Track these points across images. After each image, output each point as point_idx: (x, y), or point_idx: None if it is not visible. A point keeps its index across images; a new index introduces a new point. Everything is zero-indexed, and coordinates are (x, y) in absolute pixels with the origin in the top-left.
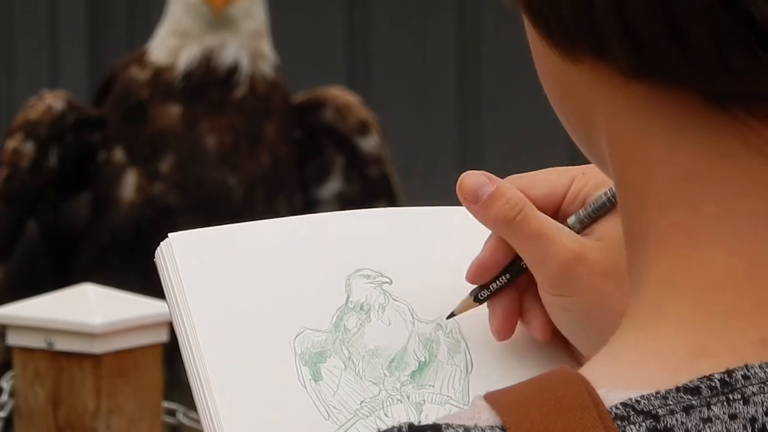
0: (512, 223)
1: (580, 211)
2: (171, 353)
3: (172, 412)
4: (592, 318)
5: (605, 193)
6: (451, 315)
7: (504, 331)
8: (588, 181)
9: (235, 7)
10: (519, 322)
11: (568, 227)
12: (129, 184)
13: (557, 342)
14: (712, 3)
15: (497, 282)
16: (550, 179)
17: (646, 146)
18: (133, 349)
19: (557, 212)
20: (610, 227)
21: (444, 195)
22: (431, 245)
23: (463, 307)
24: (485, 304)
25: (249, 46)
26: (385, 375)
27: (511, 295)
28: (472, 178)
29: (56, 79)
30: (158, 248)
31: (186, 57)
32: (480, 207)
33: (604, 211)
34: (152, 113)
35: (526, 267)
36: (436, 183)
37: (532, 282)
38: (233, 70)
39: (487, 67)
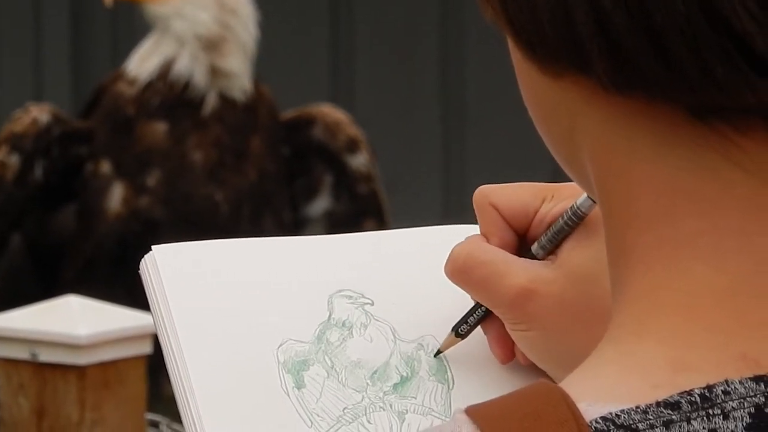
0: (458, 275)
1: (542, 237)
2: (154, 365)
3: (155, 424)
4: (551, 350)
5: (562, 217)
6: (438, 353)
7: (504, 355)
8: (555, 204)
9: (164, 6)
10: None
11: (532, 254)
12: (115, 197)
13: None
14: (694, 14)
15: (475, 315)
16: (522, 197)
17: (630, 162)
18: (117, 361)
19: (527, 232)
20: (570, 253)
21: (427, 210)
22: (413, 267)
23: (448, 344)
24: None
25: (204, 60)
26: (367, 384)
27: (497, 321)
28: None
29: (40, 93)
30: (143, 260)
31: (147, 66)
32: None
33: (563, 235)
34: (139, 130)
35: None
36: (420, 198)
37: None
38: (186, 85)
39: (470, 83)
